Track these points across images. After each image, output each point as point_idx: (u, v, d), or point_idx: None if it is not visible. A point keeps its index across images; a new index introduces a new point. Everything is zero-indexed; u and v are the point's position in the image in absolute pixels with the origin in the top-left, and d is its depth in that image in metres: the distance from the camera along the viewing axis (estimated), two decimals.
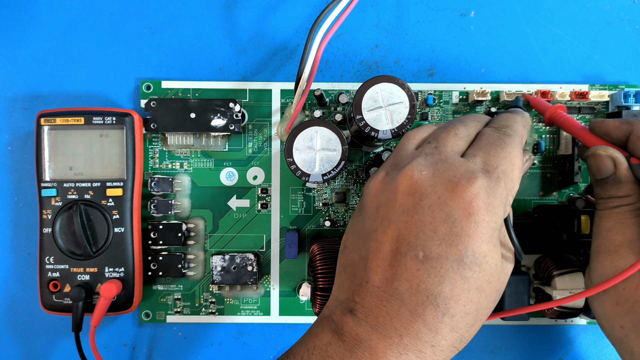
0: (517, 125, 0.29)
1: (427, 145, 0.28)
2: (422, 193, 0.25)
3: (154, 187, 0.38)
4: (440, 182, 0.25)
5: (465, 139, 0.28)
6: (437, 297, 0.24)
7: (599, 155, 0.30)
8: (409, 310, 0.24)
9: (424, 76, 0.40)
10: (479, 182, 0.25)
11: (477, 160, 0.27)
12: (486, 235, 0.25)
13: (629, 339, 0.29)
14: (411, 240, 0.25)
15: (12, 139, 0.40)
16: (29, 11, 0.40)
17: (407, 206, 0.26)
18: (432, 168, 0.26)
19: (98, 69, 0.40)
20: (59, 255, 0.37)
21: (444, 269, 0.24)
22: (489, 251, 0.25)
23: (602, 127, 0.31)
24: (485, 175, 0.26)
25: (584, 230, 0.37)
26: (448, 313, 0.24)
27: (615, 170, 0.30)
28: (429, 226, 0.25)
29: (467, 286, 0.24)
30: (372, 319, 0.25)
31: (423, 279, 0.24)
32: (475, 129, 0.29)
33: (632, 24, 0.40)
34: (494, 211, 0.25)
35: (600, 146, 0.31)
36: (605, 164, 0.30)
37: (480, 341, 0.40)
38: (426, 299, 0.24)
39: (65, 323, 0.40)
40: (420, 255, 0.25)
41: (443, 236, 0.24)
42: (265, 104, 0.39)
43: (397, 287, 0.25)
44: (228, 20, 0.40)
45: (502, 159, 0.27)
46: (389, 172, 0.28)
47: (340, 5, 0.34)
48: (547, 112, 0.35)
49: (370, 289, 0.25)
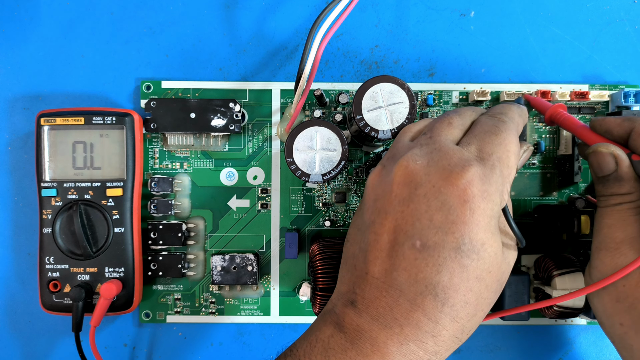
0: (512, 113, 0.29)
1: (422, 137, 0.28)
2: (417, 182, 0.25)
3: (154, 187, 0.38)
4: (435, 171, 0.25)
5: (460, 128, 0.28)
6: (436, 287, 0.24)
7: (601, 152, 0.30)
8: (408, 300, 0.24)
9: (424, 76, 0.40)
10: (473, 170, 0.25)
11: (471, 148, 0.26)
12: (483, 222, 0.25)
13: (628, 336, 0.29)
14: (408, 230, 0.25)
15: (12, 139, 0.40)
16: (29, 11, 0.40)
17: (403, 196, 0.26)
18: (426, 157, 0.26)
19: (98, 69, 0.40)
20: (59, 255, 0.37)
21: (441, 257, 0.24)
22: (487, 239, 0.25)
23: (603, 124, 0.31)
24: (480, 163, 0.25)
25: (584, 230, 0.37)
26: (448, 302, 0.24)
27: (617, 167, 0.30)
28: (424, 215, 0.25)
29: (465, 275, 0.24)
30: (372, 310, 0.25)
31: (421, 268, 0.24)
32: (470, 118, 0.29)
33: (632, 24, 0.40)
34: (490, 198, 0.25)
35: (601, 143, 0.31)
36: (606, 161, 0.30)
37: (480, 341, 0.40)
38: (425, 289, 0.24)
39: (65, 323, 0.40)
40: (418, 244, 0.25)
41: (439, 224, 0.24)
42: (265, 104, 0.39)
43: (396, 277, 0.25)
44: (228, 20, 0.40)
45: (496, 145, 0.26)
46: (386, 165, 0.28)
47: (340, 5, 0.34)
48: (547, 111, 0.35)
49: (369, 280, 0.26)
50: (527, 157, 0.31)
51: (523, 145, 0.30)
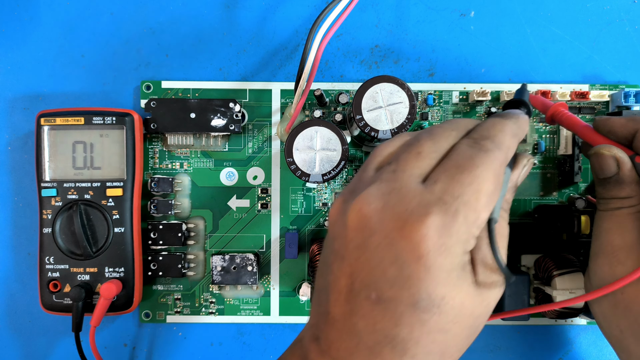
0: (502, 136, 0.25)
1: (386, 168, 0.25)
2: (371, 229, 0.23)
3: (154, 187, 0.38)
4: (389, 218, 0.23)
5: (432, 157, 0.25)
6: (394, 339, 0.23)
7: (602, 154, 0.30)
8: (367, 348, 0.23)
9: (424, 76, 0.40)
10: (431, 220, 0.22)
11: (436, 188, 0.23)
12: (441, 277, 0.22)
13: (627, 341, 0.29)
14: (364, 279, 0.23)
15: (12, 139, 0.40)
16: (29, 11, 0.40)
17: (357, 242, 0.24)
18: (382, 200, 0.23)
19: (98, 69, 0.40)
20: (59, 255, 0.37)
21: (398, 312, 0.22)
22: (448, 292, 0.23)
23: (607, 125, 0.31)
24: (441, 210, 0.22)
25: (584, 230, 0.37)
26: (407, 353, 0.23)
27: (619, 170, 0.29)
28: (378, 267, 0.23)
29: (426, 328, 0.23)
30: (334, 351, 0.24)
31: (378, 319, 0.23)
32: (447, 141, 0.25)
33: (632, 24, 0.40)
34: (449, 252, 0.22)
35: (603, 145, 0.30)
36: (608, 163, 0.29)
37: (480, 341, 0.40)
38: (383, 339, 0.23)
39: (65, 323, 0.40)
40: (373, 296, 0.23)
41: (393, 279, 0.22)
42: (265, 104, 0.39)
43: (355, 323, 0.23)
44: (228, 20, 0.40)
45: (466, 186, 0.23)
46: (346, 199, 0.25)
47: (340, 5, 0.34)
48: (549, 110, 0.34)
49: (330, 321, 0.24)
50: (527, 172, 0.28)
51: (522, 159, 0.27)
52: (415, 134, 0.27)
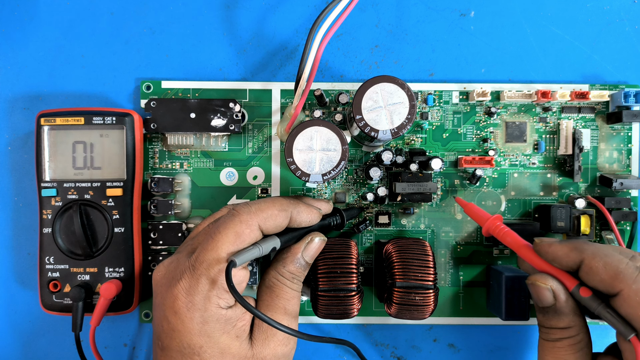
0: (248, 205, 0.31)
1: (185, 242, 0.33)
2: (156, 291, 0.31)
3: (154, 187, 0.38)
4: (164, 283, 0.30)
5: None
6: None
7: (538, 286, 0.29)
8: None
9: (424, 76, 0.40)
10: (180, 284, 0.29)
11: (192, 257, 0.30)
12: (195, 329, 0.28)
13: None
14: (155, 330, 0.31)
15: (12, 139, 0.40)
16: (29, 11, 0.40)
17: (155, 301, 0.31)
18: (165, 268, 0.31)
19: (98, 69, 0.40)
20: (59, 255, 0.37)
21: (173, 357, 0.29)
22: (205, 342, 0.29)
23: (550, 253, 0.30)
24: (190, 274, 0.29)
25: (584, 230, 0.37)
26: None
27: (555, 301, 0.29)
28: (159, 322, 0.30)
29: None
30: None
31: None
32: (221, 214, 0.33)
33: (632, 24, 0.40)
34: (196, 307, 0.28)
35: (540, 276, 0.30)
36: (544, 294, 0.29)
37: (480, 341, 0.40)
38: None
39: (65, 323, 0.40)
40: (160, 345, 0.30)
41: (167, 331, 0.29)
42: (265, 104, 0.39)
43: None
44: (228, 20, 0.40)
45: (209, 251, 0.29)
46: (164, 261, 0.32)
47: (340, 5, 0.34)
48: (484, 224, 0.33)
49: None
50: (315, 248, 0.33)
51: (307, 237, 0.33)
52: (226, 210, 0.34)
